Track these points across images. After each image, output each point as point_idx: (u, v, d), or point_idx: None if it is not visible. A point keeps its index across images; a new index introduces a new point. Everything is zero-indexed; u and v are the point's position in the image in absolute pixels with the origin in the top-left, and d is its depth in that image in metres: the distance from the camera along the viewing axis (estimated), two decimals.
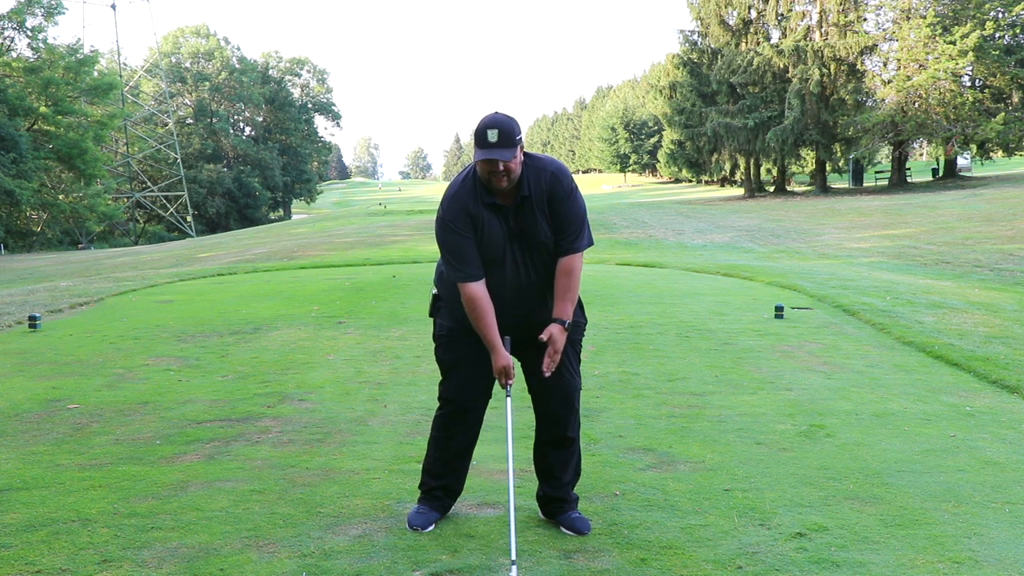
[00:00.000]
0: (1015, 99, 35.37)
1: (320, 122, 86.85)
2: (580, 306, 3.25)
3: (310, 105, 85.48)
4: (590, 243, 3.15)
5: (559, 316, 3.06)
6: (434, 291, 3.28)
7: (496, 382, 3.18)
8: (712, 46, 42.67)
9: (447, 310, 3.21)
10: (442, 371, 3.28)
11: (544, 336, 3.03)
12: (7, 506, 3.44)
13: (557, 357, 3.05)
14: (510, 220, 3.05)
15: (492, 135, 2.89)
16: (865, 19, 39.27)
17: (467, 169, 3.10)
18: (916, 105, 36.20)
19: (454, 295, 3.10)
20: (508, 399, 3.07)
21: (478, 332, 3.05)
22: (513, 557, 2.77)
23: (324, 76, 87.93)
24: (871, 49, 38.85)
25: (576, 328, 3.21)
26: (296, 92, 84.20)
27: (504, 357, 3.03)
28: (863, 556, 2.91)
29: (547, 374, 3.07)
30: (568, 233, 3.07)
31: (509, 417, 3.05)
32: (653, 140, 78.79)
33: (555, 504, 3.24)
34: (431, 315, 3.30)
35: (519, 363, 3.24)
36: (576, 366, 3.23)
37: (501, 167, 2.92)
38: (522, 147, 3.00)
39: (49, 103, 42.04)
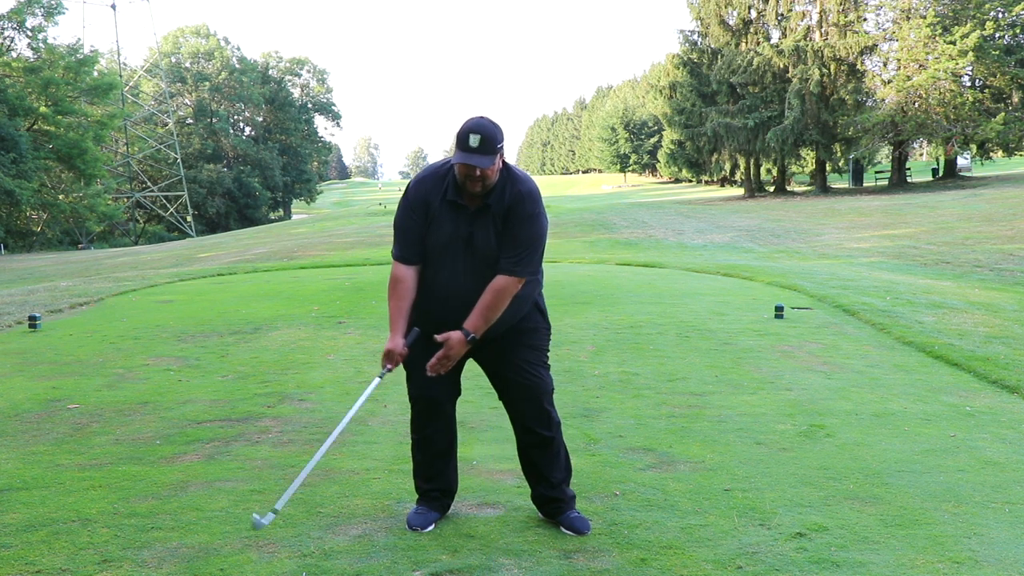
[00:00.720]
0: (1015, 99, 35.36)
1: (320, 122, 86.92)
2: (542, 311, 3.25)
3: (310, 105, 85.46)
4: (533, 274, 3.09)
5: (467, 327, 3.01)
6: None
7: (460, 377, 3.24)
8: (712, 46, 42.63)
9: None
10: (405, 368, 3.27)
11: (440, 338, 3.01)
12: (7, 506, 3.44)
13: (448, 364, 3.03)
14: (465, 222, 3.05)
15: (473, 140, 2.89)
16: (865, 19, 39.26)
17: (448, 161, 3.10)
18: (916, 105, 36.18)
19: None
20: (376, 379, 3.06)
21: (389, 310, 3.10)
22: (277, 507, 2.85)
23: (324, 76, 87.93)
24: (871, 49, 38.83)
25: (536, 333, 3.21)
26: (296, 92, 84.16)
27: (395, 343, 3.05)
28: (863, 556, 2.92)
29: (429, 373, 3.04)
30: (512, 254, 3.03)
31: (366, 393, 3.06)
32: (653, 140, 78.79)
33: (553, 504, 3.23)
34: None
35: (482, 367, 3.27)
36: (540, 369, 3.19)
37: (477, 172, 2.93)
38: (502, 155, 3.01)
39: (49, 103, 42.02)
